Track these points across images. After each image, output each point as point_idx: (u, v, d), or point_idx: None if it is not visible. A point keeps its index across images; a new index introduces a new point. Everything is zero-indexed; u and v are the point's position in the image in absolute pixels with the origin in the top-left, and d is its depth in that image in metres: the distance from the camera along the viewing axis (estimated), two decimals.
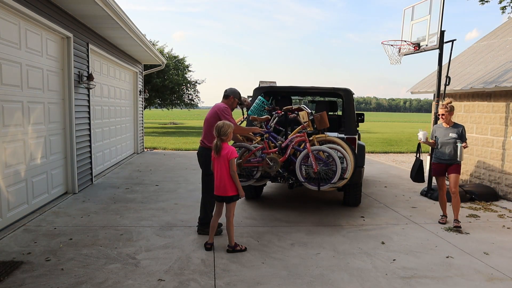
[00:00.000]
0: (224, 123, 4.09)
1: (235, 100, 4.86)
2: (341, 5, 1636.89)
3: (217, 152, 4.05)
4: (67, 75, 6.31)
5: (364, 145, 5.93)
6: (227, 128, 4.05)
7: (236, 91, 4.89)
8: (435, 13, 6.63)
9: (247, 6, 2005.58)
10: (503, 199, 6.95)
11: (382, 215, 5.73)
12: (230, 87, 4.93)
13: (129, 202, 6.11)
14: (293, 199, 6.56)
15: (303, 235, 4.75)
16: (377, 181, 8.39)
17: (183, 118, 50.78)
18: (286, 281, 3.52)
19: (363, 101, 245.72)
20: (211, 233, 4.26)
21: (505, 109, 7.02)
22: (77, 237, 4.46)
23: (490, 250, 4.40)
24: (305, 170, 5.16)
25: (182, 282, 3.44)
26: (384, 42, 7.34)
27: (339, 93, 5.85)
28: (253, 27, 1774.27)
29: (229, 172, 4.04)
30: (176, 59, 26.67)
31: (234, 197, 4.12)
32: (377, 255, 4.16)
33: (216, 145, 4.04)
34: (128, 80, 11.06)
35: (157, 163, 10.22)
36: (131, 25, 7.55)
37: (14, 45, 4.86)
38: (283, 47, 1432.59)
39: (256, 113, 5.68)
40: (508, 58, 7.57)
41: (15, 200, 4.92)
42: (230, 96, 4.81)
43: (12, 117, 4.84)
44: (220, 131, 4.03)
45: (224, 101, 4.82)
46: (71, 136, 6.43)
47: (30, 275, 3.47)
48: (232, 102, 4.83)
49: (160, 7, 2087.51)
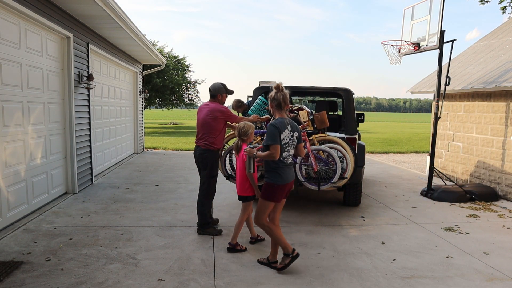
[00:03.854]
0: (245, 124, 4.15)
1: (223, 95, 4.78)
2: (342, 5, 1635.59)
3: (237, 152, 4.15)
4: (67, 75, 6.31)
5: (364, 145, 5.93)
6: (247, 128, 4.12)
7: (220, 87, 4.72)
8: (435, 13, 6.64)
9: (247, 6, 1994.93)
10: (503, 199, 6.95)
11: (382, 215, 5.73)
12: (213, 84, 4.75)
13: (129, 202, 6.12)
14: (293, 199, 6.56)
15: (303, 235, 4.75)
16: (377, 181, 8.39)
17: (183, 118, 50.77)
18: (286, 281, 3.52)
19: (363, 101, 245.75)
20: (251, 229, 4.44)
21: (505, 109, 7.02)
22: (77, 237, 4.46)
23: (490, 250, 4.40)
24: (305, 169, 5.16)
25: (182, 282, 3.44)
26: (384, 42, 7.35)
27: (339, 93, 5.85)
28: (253, 27, 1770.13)
29: (246, 172, 4.08)
30: (176, 59, 26.68)
31: (249, 197, 4.17)
32: (377, 255, 4.16)
33: (236, 145, 4.15)
34: (128, 80, 11.06)
35: (157, 163, 10.22)
36: (131, 25, 7.55)
37: (14, 45, 4.86)
38: (283, 47, 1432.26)
39: (257, 113, 5.69)
40: (508, 58, 7.57)
41: (15, 200, 4.92)
42: (217, 95, 4.72)
43: (12, 117, 4.84)
44: (241, 131, 4.11)
45: (212, 100, 4.72)
46: (71, 136, 6.43)
47: (30, 275, 3.46)
48: (220, 99, 4.77)
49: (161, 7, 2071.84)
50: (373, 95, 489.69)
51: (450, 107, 8.66)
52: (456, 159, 8.48)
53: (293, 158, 5.25)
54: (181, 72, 26.35)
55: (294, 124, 3.73)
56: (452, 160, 8.65)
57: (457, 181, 8.29)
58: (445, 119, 8.82)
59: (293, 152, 3.76)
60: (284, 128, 3.59)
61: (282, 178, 3.63)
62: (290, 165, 3.74)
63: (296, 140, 3.73)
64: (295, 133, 3.69)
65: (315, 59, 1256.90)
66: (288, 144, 3.65)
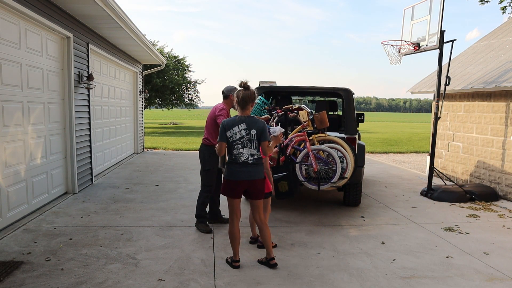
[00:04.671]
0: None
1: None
2: (342, 5, 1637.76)
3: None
4: (67, 75, 6.31)
5: (364, 145, 5.93)
6: None
7: (232, 88, 4.84)
8: (435, 13, 6.64)
9: (247, 6, 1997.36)
10: (503, 199, 6.95)
11: (382, 215, 5.73)
12: (226, 86, 4.92)
13: (129, 202, 6.11)
14: (293, 199, 6.56)
15: (303, 235, 4.75)
16: (377, 181, 8.39)
17: (183, 118, 50.78)
18: (286, 281, 3.52)
19: (363, 101, 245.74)
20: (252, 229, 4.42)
21: (505, 109, 7.02)
22: (77, 237, 4.46)
23: (490, 250, 4.40)
24: (305, 169, 5.16)
25: (182, 282, 3.44)
26: (384, 42, 7.35)
27: (339, 92, 5.85)
28: (253, 27, 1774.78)
29: None
30: (176, 59, 26.68)
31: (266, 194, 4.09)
32: (377, 255, 4.16)
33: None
34: (128, 80, 11.06)
35: (157, 163, 10.22)
36: (131, 25, 7.55)
37: (14, 45, 4.86)
38: (283, 47, 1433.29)
39: (256, 112, 5.70)
40: (508, 58, 7.57)
41: (15, 200, 4.92)
42: (229, 95, 4.82)
43: (12, 117, 4.84)
44: None
45: (225, 101, 4.86)
46: (71, 136, 6.43)
47: (30, 275, 3.46)
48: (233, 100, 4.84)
49: (161, 7, 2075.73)
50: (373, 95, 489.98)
51: (450, 107, 8.66)
52: (456, 159, 8.48)
53: (293, 157, 5.29)
54: (181, 72, 26.34)
55: (254, 122, 3.63)
56: (452, 160, 8.65)
57: (457, 181, 8.29)
58: (445, 119, 8.82)
59: (255, 150, 3.64)
60: (233, 126, 3.61)
61: (230, 174, 3.66)
62: (245, 164, 3.64)
63: (255, 138, 3.62)
64: (252, 131, 3.61)
65: (315, 59, 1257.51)
66: (238, 142, 3.61)
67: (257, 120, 3.67)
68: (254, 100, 3.71)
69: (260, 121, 3.68)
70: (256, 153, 3.65)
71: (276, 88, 6.08)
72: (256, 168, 3.67)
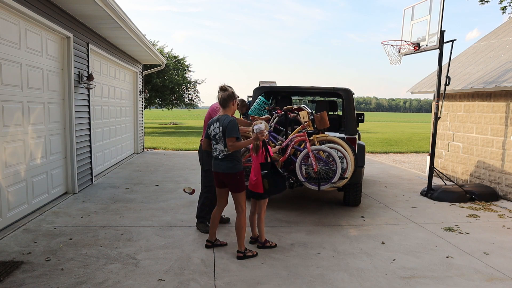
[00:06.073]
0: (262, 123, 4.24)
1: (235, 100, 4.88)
2: (342, 5, 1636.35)
3: (256, 151, 4.22)
4: (67, 75, 6.31)
5: (364, 145, 5.93)
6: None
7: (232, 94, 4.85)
8: (435, 13, 6.64)
9: (248, 6, 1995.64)
10: (503, 199, 6.95)
11: (382, 215, 5.73)
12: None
13: (129, 202, 6.11)
14: (293, 199, 6.56)
15: (303, 235, 4.75)
16: (377, 181, 8.39)
17: (183, 118, 50.78)
18: (286, 281, 3.52)
19: (363, 101, 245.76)
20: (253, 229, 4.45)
21: (505, 109, 7.02)
22: (77, 237, 4.46)
23: (490, 250, 4.40)
24: (305, 169, 5.15)
25: (182, 282, 3.44)
26: (384, 42, 7.35)
27: (339, 93, 5.85)
28: (253, 27, 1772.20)
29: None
30: (176, 59, 26.68)
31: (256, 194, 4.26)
32: (377, 255, 4.16)
33: (256, 145, 4.20)
34: (128, 80, 11.07)
35: (157, 163, 10.22)
36: (131, 25, 7.55)
37: (14, 45, 4.86)
38: (284, 47, 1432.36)
39: (257, 113, 5.70)
40: (508, 58, 7.57)
41: (15, 200, 4.92)
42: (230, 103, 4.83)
43: (12, 117, 4.84)
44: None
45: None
46: (71, 136, 6.43)
47: (30, 275, 3.46)
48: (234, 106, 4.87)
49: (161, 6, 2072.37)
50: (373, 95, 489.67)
51: (450, 107, 8.66)
52: (456, 159, 8.48)
53: (293, 157, 5.29)
54: (181, 72, 26.35)
55: (223, 119, 3.91)
56: (452, 160, 8.65)
57: (457, 181, 8.29)
58: (445, 119, 8.82)
59: (222, 146, 3.92)
60: (211, 124, 4.02)
61: (212, 165, 4.10)
62: (217, 158, 3.99)
63: (222, 134, 3.90)
64: (220, 128, 3.91)
65: (315, 59, 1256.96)
66: (213, 138, 4.00)
67: (225, 118, 3.91)
68: (233, 98, 4.03)
69: (227, 119, 3.89)
70: (223, 149, 3.94)
71: (276, 88, 6.08)
72: (224, 163, 3.95)
